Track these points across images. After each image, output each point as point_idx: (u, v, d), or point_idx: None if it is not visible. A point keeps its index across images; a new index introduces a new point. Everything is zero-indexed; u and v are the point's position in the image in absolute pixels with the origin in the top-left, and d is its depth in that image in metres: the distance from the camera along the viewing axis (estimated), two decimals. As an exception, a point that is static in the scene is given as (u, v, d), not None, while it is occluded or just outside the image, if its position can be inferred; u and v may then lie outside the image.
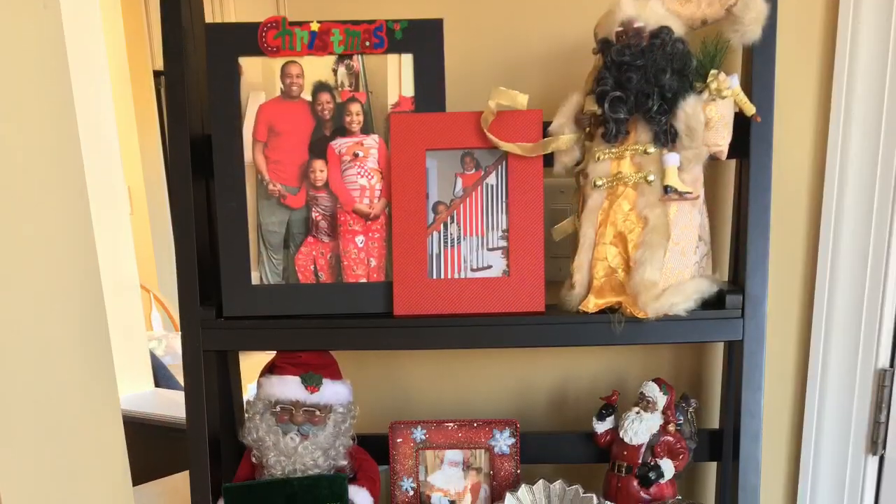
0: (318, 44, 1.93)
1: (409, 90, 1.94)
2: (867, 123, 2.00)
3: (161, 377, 4.33)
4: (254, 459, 2.02)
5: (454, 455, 2.13)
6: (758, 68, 1.81)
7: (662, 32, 1.77)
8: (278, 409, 1.99)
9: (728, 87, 1.77)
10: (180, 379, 2.51)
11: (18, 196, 1.73)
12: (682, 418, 2.03)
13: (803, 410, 2.17)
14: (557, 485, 1.98)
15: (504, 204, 1.91)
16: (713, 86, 1.77)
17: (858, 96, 1.99)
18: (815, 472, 2.18)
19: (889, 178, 2.00)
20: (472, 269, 1.92)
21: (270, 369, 2.03)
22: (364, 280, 1.96)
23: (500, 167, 1.91)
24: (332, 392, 2.02)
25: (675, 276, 1.83)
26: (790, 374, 2.18)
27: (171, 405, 3.65)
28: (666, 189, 1.80)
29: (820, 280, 2.10)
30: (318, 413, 1.99)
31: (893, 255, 2.02)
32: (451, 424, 2.11)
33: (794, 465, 2.22)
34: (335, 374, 2.05)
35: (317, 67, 1.94)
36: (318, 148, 1.95)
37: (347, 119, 1.95)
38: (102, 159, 3.50)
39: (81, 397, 1.88)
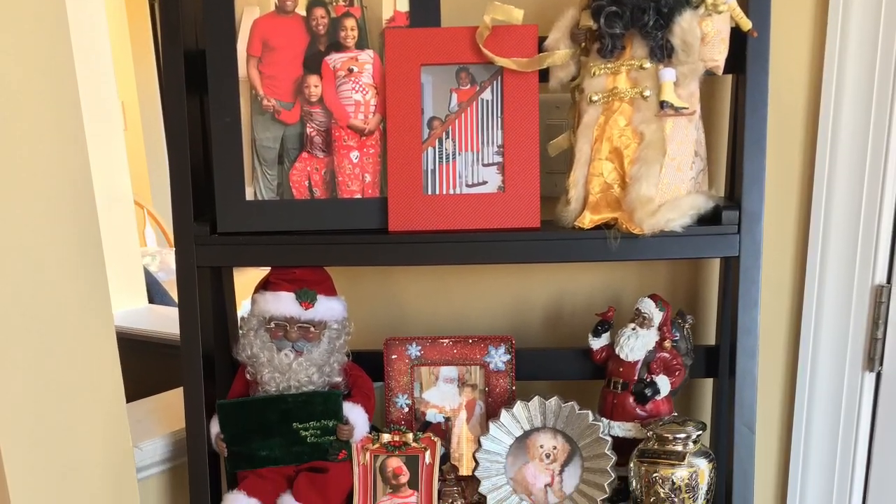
0: (312, -42, 1.94)
1: (403, 5, 1.95)
2: (864, 37, 2.00)
3: (155, 293, 4.37)
4: (248, 376, 2.07)
5: (449, 372, 2.18)
6: (755, -18, 1.83)
7: (659, -54, 1.79)
8: (272, 325, 2.02)
9: (724, 1, 1.78)
10: (174, 295, 2.54)
11: (11, 112, 1.75)
12: (678, 335, 2.07)
13: (800, 327, 2.21)
14: (553, 401, 2.02)
15: (499, 119, 1.92)
16: (709, 0, 1.78)
17: (855, 10, 1.99)
18: (812, 390, 2.22)
19: (886, 93, 2.01)
20: (468, 185, 1.94)
21: (264, 285, 2.06)
22: (359, 196, 1.98)
23: (495, 82, 1.92)
24: (327, 308, 2.05)
25: (671, 191, 1.85)
26: (787, 291, 2.22)
27: (165, 321, 3.68)
28: (662, 104, 1.82)
29: (817, 196, 2.12)
30: (312, 329, 2.03)
31: (890, 171, 2.05)
32: (447, 341, 2.15)
33: (791, 382, 2.26)
34: (329, 291, 2.08)
35: (311, -19, 1.96)
36: (313, 63, 1.96)
37: (342, 34, 1.96)
38: (95, 75, 3.50)
39: (75, 313, 1.91)
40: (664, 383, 2.05)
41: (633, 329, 2.05)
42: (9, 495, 1.82)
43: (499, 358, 2.14)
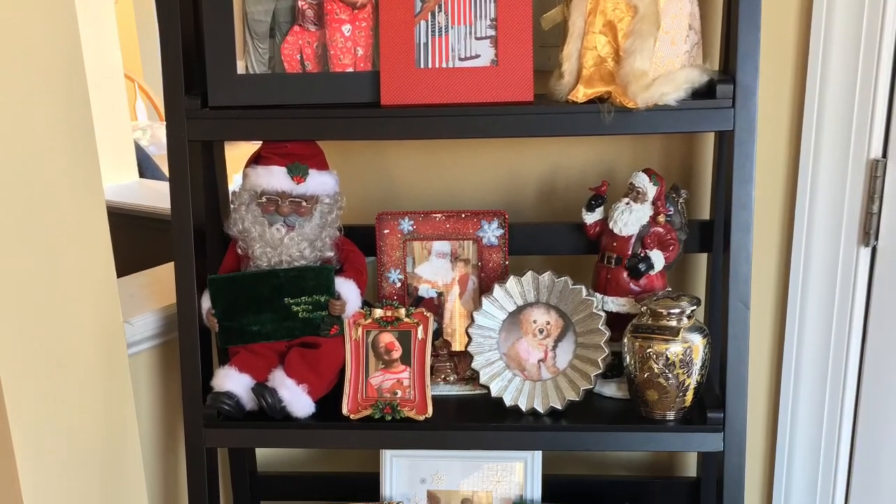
0: None
1: None
2: None
3: (146, 167, 4.40)
4: (239, 251, 2.12)
5: (442, 246, 2.22)
6: None
7: None
8: (264, 199, 2.07)
9: None
10: (165, 169, 2.57)
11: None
12: (672, 209, 2.11)
13: (795, 202, 2.25)
14: (546, 276, 2.08)
15: (492, -9, 1.94)
16: None
17: None
18: (807, 265, 2.27)
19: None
20: (460, 59, 1.96)
21: (256, 160, 2.10)
22: (351, 69, 2.01)
23: (488, -47, 1.93)
24: (319, 183, 2.10)
25: (665, 65, 1.88)
26: (781, 166, 2.25)
27: (156, 196, 3.71)
28: (656, -24, 1.84)
29: (811, 69, 2.14)
30: (304, 204, 2.07)
31: (886, 42, 2.07)
32: (439, 215, 2.20)
33: (786, 256, 2.31)
34: (321, 165, 2.12)
35: None
36: (304, -67, 1.98)
37: None
38: (84, -54, 3.49)
39: (65, 188, 1.95)
40: (658, 258, 2.10)
41: (627, 203, 2.09)
42: None
43: (492, 233, 2.19)
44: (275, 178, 2.07)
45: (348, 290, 2.11)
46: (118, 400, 2.17)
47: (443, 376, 2.24)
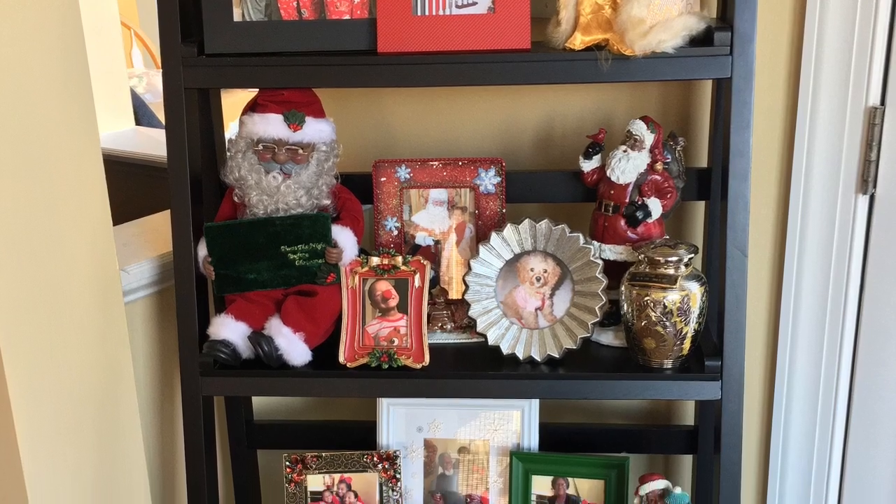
0: None
1: None
2: None
3: (142, 115, 4.41)
4: (235, 199, 2.14)
5: (439, 194, 2.25)
6: None
7: None
8: (260, 147, 2.09)
9: None
10: (161, 117, 2.59)
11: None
12: (669, 157, 2.14)
13: (793, 149, 2.27)
14: (543, 224, 2.10)
15: (490, -63, 1.96)
16: None
17: None
18: (805, 213, 2.30)
19: None
20: (457, 6, 1.98)
21: (252, 107, 2.12)
22: (348, 17, 2.02)
23: None
24: (315, 130, 2.12)
25: (663, 12, 1.90)
26: (779, 113, 2.27)
27: (152, 144, 3.72)
28: (654, -79, 1.85)
29: (810, 16, 2.16)
30: (300, 151, 2.10)
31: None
32: (436, 163, 2.22)
33: (784, 204, 2.33)
34: (318, 112, 2.14)
35: None
36: None
37: None
38: None
39: (61, 136, 1.97)
40: (655, 206, 2.12)
41: (625, 151, 2.11)
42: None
43: (489, 180, 2.21)
44: (271, 125, 2.09)
45: (345, 238, 2.14)
46: (114, 348, 2.19)
47: (440, 324, 2.27)
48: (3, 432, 1.96)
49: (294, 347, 2.13)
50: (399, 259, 2.17)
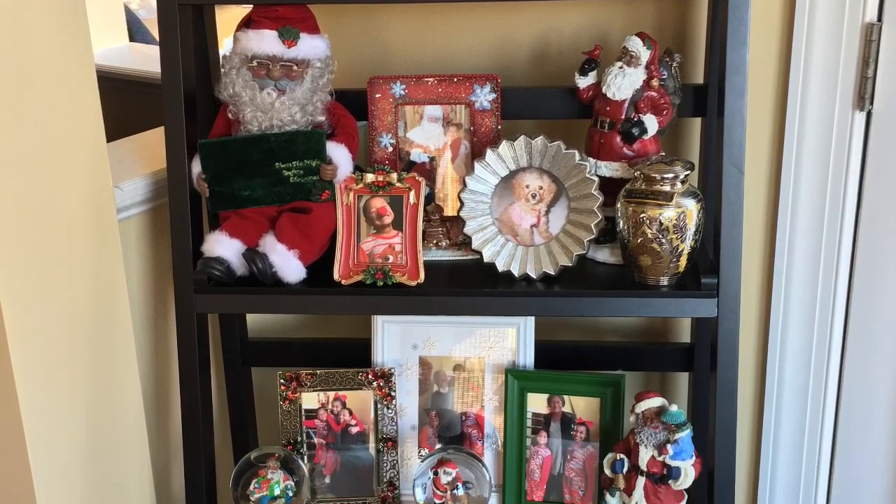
0: None
1: None
2: None
3: (136, 31, 4.42)
4: (230, 115, 2.19)
5: (434, 111, 2.30)
6: None
7: None
8: (255, 63, 2.14)
9: None
10: (155, 33, 2.61)
11: None
12: (665, 73, 2.18)
13: (789, 66, 2.31)
14: (539, 141, 2.15)
15: None
16: None
17: None
18: (802, 129, 2.35)
19: None
20: (452, -82, 2.01)
21: (247, 23, 2.16)
22: (339, -71, 2.05)
23: None
24: (310, 46, 2.16)
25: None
26: (776, 30, 2.31)
27: (146, 60, 3.74)
28: None
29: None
30: (295, 68, 2.14)
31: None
32: (431, 80, 2.27)
33: (780, 120, 2.38)
34: (313, 28, 2.18)
35: None
36: None
37: None
38: None
39: (55, 52, 2.01)
40: (651, 122, 2.17)
41: (621, 67, 2.16)
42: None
43: (484, 97, 2.26)
44: (266, 41, 2.12)
45: (340, 155, 2.18)
46: (108, 265, 2.25)
47: (435, 241, 2.32)
48: (-3, 351, 2.04)
49: (288, 264, 2.18)
50: (394, 176, 2.21)
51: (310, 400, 2.49)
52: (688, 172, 2.09)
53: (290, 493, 2.37)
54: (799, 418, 2.60)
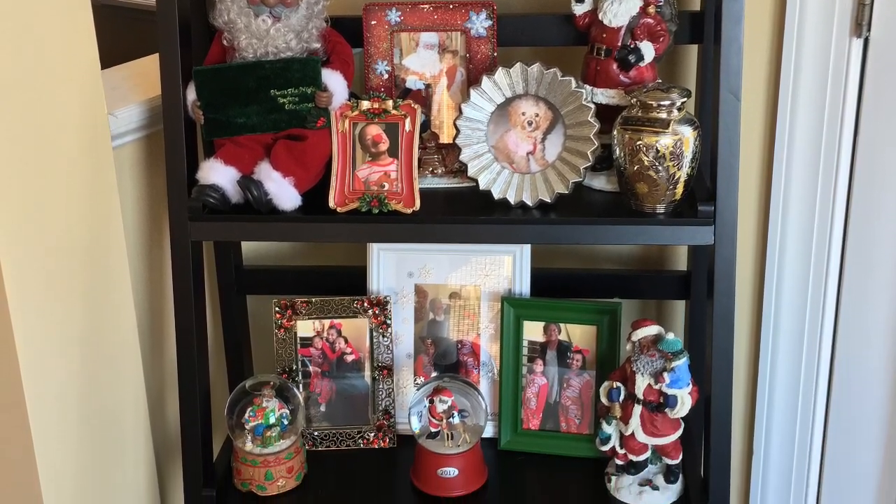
0: None
1: None
2: None
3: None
4: (225, 42, 2.23)
5: (430, 38, 2.34)
6: None
7: None
8: (250, -11, 2.18)
9: None
10: (149, -41, 2.64)
11: None
12: (662, 0, 2.22)
13: (787, -12, 2.36)
14: (535, 68, 2.20)
15: None
16: None
17: None
18: (799, 56, 2.40)
19: None
20: None
21: (242, -51, 2.20)
22: None
23: None
24: (304, -28, 2.20)
25: None
26: (774, -45, 2.37)
27: (141, -14, 3.75)
28: None
29: None
30: (290, -6, 2.18)
31: None
32: (427, 6, 2.31)
33: (777, 47, 2.43)
34: (307, -47, 2.22)
35: None
36: None
37: None
38: None
39: (47, -22, 2.05)
40: (648, 49, 2.22)
41: (618, -6, 2.20)
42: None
43: (480, 24, 2.30)
44: (260, -33, 2.17)
45: (335, 82, 2.22)
46: (103, 193, 2.29)
47: (430, 169, 2.37)
48: (-9, 279, 2.08)
49: (284, 192, 2.22)
50: (389, 103, 2.25)
51: (305, 328, 2.56)
52: (684, 100, 2.13)
53: (286, 422, 2.45)
54: (796, 345, 2.66)
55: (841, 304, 2.60)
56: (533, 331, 2.53)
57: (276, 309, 2.55)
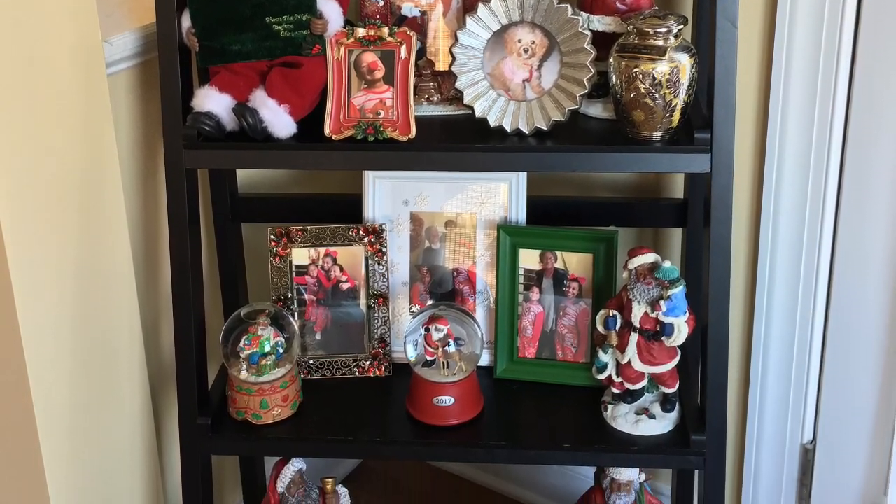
0: None
1: None
2: None
3: None
4: (220, -31, 2.26)
5: (424, -36, 2.37)
6: None
7: None
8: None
9: None
10: None
11: None
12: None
13: None
14: (531, -7, 2.24)
15: None
16: None
17: None
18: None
19: None
20: None
21: None
22: None
23: None
24: None
25: None
26: None
27: None
28: None
29: None
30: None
31: None
32: (422, -52, 2.34)
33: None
34: None
35: None
36: None
37: None
38: None
39: None
40: (644, -25, 2.25)
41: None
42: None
43: (475, -51, 2.32)
44: None
45: (330, 10, 2.25)
46: (97, 121, 2.34)
47: (426, 96, 2.41)
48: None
49: (279, 119, 2.26)
50: (385, 30, 2.28)
51: (300, 256, 2.61)
52: (681, 27, 2.16)
53: (281, 350, 2.50)
54: (793, 271, 2.70)
55: (838, 230, 2.62)
56: (529, 259, 2.58)
57: (272, 237, 2.60)
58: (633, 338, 2.37)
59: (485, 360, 2.64)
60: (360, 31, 2.29)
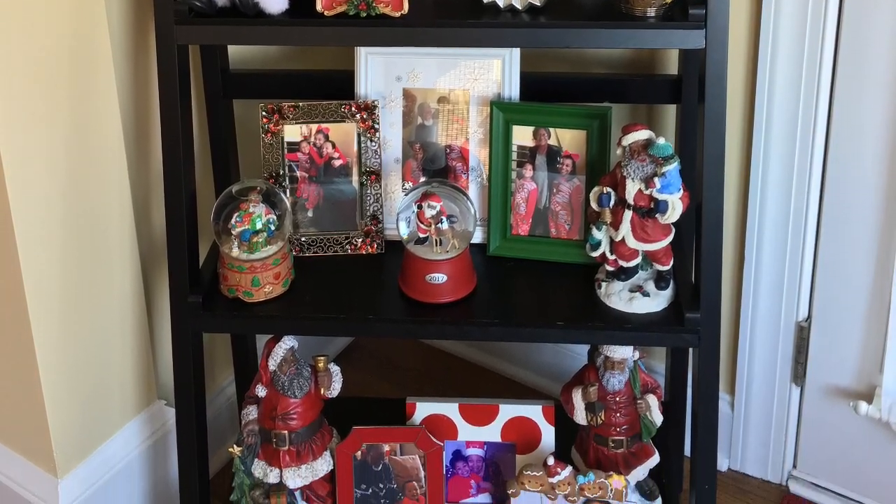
0: None
1: None
2: None
3: None
4: None
5: None
6: None
7: None
8: None
9: None
10: None
11: None
12: None
13: None
14: None
15: None
16: None
17: None
18: None
19: None
20: None
21: None
22: None
23: None
24: None
25: None
26: None
27: None
28: None
29: None
30: None
31: None
32: None
33: None
34: None
35: None
36: None
37: None
38: None
39: None
40: None
41: None
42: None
43: None
44: None
45: None
46: None
47: None
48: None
49: None
50: None
51: (292, 132, 2.67)
52: None
53: (272, 227, 2.55)
54: (788, 147, 2.74)
55: (834, 102, 2.66)
56: (522, 135, 2.62)
57: (263, 113, 2.64)
58: (627, 215, 2.41)
59: (478, 237, 2.69)
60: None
